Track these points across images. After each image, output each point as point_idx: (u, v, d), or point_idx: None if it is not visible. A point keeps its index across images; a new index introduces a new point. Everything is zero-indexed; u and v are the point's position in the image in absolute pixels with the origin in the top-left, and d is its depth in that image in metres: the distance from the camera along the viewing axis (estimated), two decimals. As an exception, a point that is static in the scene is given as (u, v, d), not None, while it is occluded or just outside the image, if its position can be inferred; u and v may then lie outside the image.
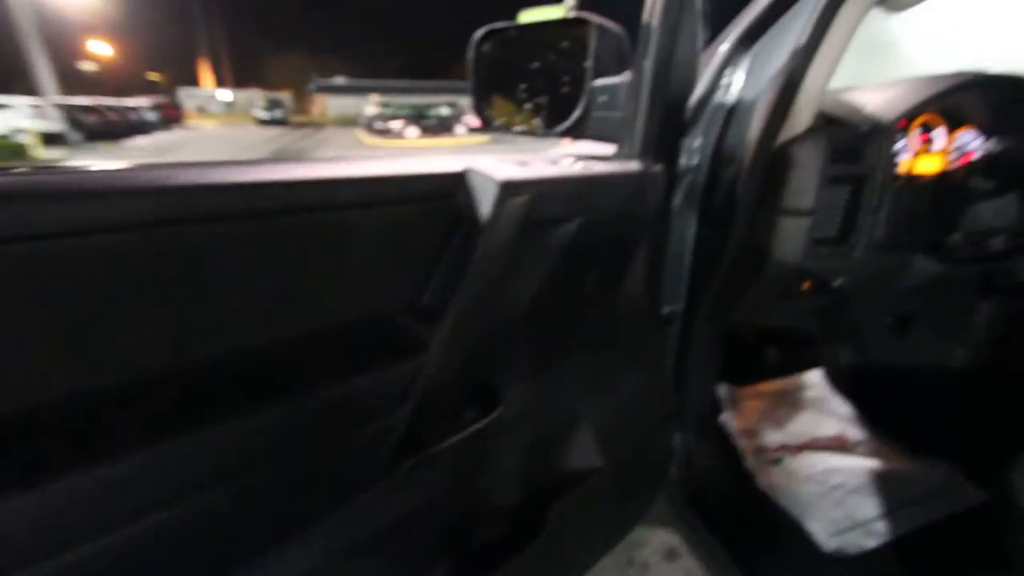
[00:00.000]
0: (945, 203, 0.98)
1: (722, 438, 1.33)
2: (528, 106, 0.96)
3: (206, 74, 48.73)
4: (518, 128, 0.97)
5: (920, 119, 0.98)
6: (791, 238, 0.93)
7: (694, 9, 0.79)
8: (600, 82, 0.89)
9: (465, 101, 0.97)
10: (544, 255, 0.65)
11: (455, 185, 0.56)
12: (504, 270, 0.60)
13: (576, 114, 0.90)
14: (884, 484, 1.19)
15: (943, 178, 0.97)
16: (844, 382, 1.51)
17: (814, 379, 1.53)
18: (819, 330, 1.34)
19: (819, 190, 0.89)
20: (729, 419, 1.38)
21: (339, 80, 34.30)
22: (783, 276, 0.97)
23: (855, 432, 1.38)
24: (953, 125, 1.00)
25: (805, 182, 0.89)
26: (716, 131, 0.98)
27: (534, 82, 0.95)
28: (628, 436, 0.96)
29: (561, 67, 0.92)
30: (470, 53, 0.98)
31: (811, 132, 0.88)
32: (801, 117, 0.88)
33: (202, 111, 32.37)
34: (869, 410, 1.44)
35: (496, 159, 0.61)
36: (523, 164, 0.62)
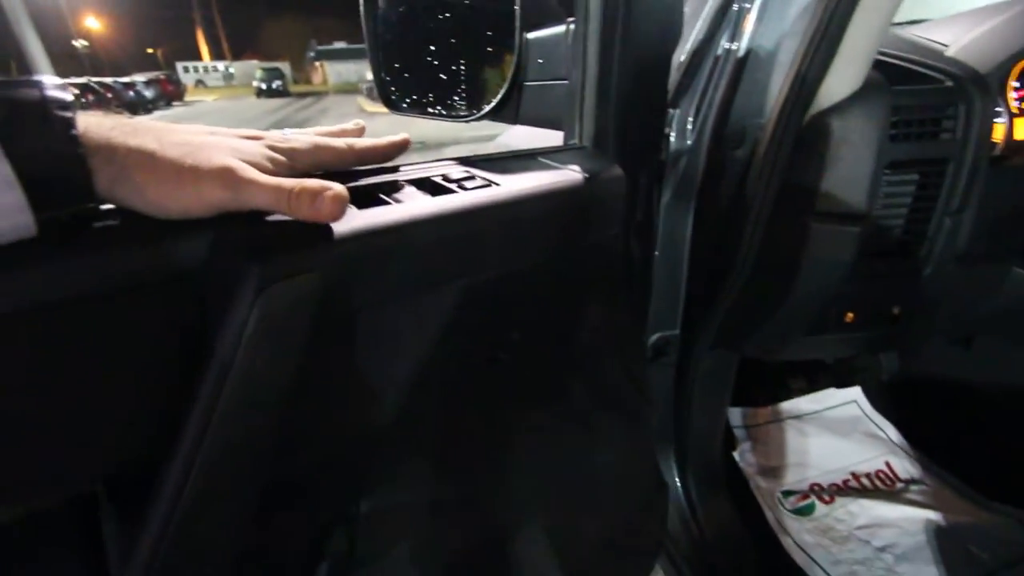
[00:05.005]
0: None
1: (735, 481, 1.07)
2: (442, 78, 0.67)
3: (204, 47, 47.70)
4: (434, 111, 0.68)
5: (1021, 64, 0.67)
6: (831, 252, 0.64)
7: None
8: (537, 35, 0.59)
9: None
10: (388, 336, 0.38)
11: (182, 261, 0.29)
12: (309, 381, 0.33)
13: (504, 87, 0.61)
14: (948, 546, 0.93)
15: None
16: (888, 398, 1.23)
17: (851, 394, 1.25)
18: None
19: (876, 182, 0.59)
20: (744, 454, 1.12)
21: (338, 45, 33.29)
22: (816, 304, 0.68)
23: (903, 465, 1.11)
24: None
25: (854, 171, 0.59)
26: (720, 97, 0.68)
27: (451, 41, 0.66)
28: (598, 527, 0.71)
29: (481, 17, 0.62)
30: (361, 5, 0.68)
31: (864, 94, 0.58)
32: (848, 71, 0.57)
33: (201, 85, 31.89)
34: (920, 434, 1.16)
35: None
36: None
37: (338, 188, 0.30)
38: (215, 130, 0.33)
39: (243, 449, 0.32)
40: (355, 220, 0.32)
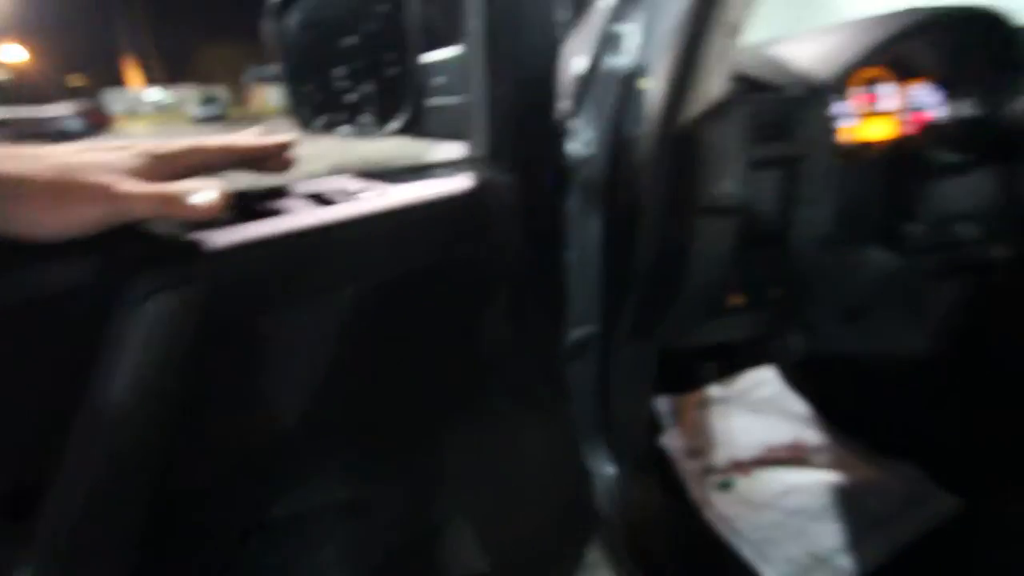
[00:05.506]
0: (899, 182, 0.78)
1: (663, 466, 1.14)
2: (352, 98, 0.72)
3: (134, 73, 45.69)
4: (344, 130, 0.72)
5: (863, 73, 0.78)
6: (712, 243, 0.72)
7: None
8: (434, 56, 0.65)
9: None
10: (283, 343, 0.41)
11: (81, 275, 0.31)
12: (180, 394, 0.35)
13: (408, 106, 0.66)
14: (848, 503, 1.03)
15: (896, 149, 0.77)
16: (799, 375, 1.34)
17: (766, 375, 1.36)
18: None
19: (743, 179, 0.68)
20: (671, 439, 1.20)
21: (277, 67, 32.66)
22: (707, 291, 0.76)
23: (813, 436, 1.21)
24: (904, 79, 0.79)
25: (723, 170, 0.67)
26: (610, 109, 0.75)
27: (355, 64, 0.70)
28: (525, 522, 0.75)
29: (384, 39, 0.67)
30: (267, 27, 0.72)
31: (726, 103, 0.66)
32: (711, 83, 0.66)
33: (132, 114, 30.50)
34: (828, 405, 1.27)
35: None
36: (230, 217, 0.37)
37: (212, 184, 0.33)
38: (89, 146, 0.34)
39: (131, 459, 0.33)
40: (240, 232, 0.36)
